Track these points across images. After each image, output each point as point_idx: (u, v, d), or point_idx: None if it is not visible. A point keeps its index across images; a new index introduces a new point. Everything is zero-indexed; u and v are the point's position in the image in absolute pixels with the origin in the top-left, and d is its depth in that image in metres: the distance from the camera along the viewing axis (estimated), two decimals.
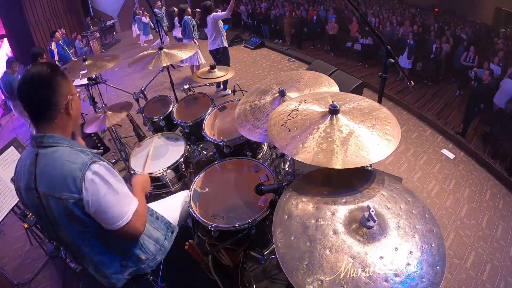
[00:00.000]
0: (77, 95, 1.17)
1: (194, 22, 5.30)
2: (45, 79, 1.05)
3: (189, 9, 5.35)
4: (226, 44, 4.77)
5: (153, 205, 1.64)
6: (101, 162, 1.10)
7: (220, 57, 4.71)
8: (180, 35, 5.80)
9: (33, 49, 4.22)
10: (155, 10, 7.53)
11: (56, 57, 5.76)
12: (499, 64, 4.84)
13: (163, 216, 1.51)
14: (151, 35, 9.16)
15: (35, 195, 1.07)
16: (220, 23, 4.62)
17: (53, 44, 5.89)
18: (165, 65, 2.40)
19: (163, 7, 7.73)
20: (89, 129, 2.35)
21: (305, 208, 1.01)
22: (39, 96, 1.05)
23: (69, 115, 1.12)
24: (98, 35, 10.19)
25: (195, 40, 5.30)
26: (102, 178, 1.06)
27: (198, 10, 5.36)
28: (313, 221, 0.96)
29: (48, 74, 1.06)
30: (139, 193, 1.32)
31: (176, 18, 5.78)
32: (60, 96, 1.08)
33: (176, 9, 7.17)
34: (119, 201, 1.10)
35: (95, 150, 1.19)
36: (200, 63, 5.44)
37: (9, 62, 4.06)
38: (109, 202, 1.07)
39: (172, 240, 1.47)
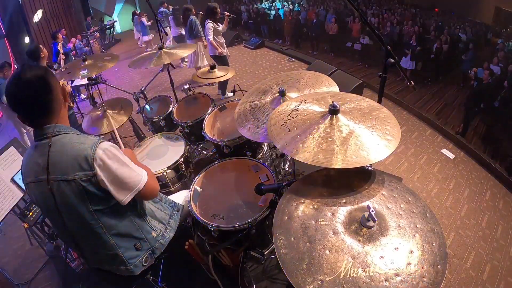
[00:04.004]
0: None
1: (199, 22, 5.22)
2: (45, 80, 1.03)
3: (193, 10, 5.29)
4: (222, 53, 4.61)
5: None
6: (109, 142, 1.14)
7: (217, 63, 4.64)
8: (179, 33, 5.70)
9: (30, 48, 3.69)
10: (161, 9, 7.47)
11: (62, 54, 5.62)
12: (498, 64, 4.84)
13: (166, 197, 1.55)
14: (151, 35, 9.14)
15: (45, 186, 1.08)
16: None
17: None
18: (166, 63, 2.39)
19: (169, 6, 7.68)
20: (89, 129, 2.34)
21: (305, 209, 1.01)
22: (42, 99, 1.05)
23: (66, 102, 1.14)
24: (98, 35, 10.17)
25: (204, 40, 5.09)
26: (113, 154, 1.10)
27: (200, 12, 5.30)
28: (313, 222, 0.96)
29: (44, 74, 1.04)
30: (138, 164, 1.35)
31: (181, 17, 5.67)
32: (56, 89, 1.08)
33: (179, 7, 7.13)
34: (131, 171, 1.15)
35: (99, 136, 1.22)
36: (201, 66, 5.34)
37: (1, 67, 3.93)
38: (123, 173, 1.12)
39: (178, 218, 1.52)
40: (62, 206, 1.10)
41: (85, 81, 2.78)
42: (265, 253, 1.59)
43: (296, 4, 9.78)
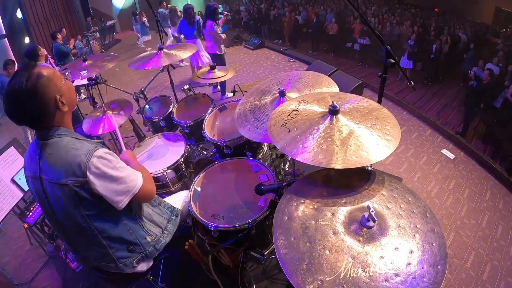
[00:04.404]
0: (63, 81, 1.11)
1: None
2: (25, 93, 1.00)
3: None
4: (222, 52, 4.65)
5: None
6: (104, 149, 1.14)
7: (215, 62, 4.63)
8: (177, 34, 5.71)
9: (28, 48, 3.75)
10: (160, 10, 7.46)
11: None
12: (498, 64, 4.83)
13: (165, 201, 1.55)
14: (150, 35, 9.15)
15: (40, 184, 1.11)
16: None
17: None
18: (165, 64, 2.40)
19: (168, 6, 7.68)
20: (89, 130, 2.33)
21: (305, 209, 1.01)
22: (25, 111, 1.03)
23: (63, 111, 1.11)
24: (98, 35, 10.17)
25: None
26: (108, 161, 1.10)
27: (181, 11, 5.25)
28: (313, 222, 0.96)
29: (27, 86, 1.00)
30: (137, 165, 1.38)
31: (182, 17, 5.61)
32: (47, 101, 1.05)
33: (176, 7, 7.14)
34: (126, 176, 1.15)
35: (97, 140, 1.23)
36: (202, 65, 5.33)
37: (5, 64, 3.95)
38: (119, 179, 1.12)
39: (177, 223, 1.52)
40: (56, 207, 1.13)
41: (85, 81, 2.78)
42: (265, 253, 1.59)
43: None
